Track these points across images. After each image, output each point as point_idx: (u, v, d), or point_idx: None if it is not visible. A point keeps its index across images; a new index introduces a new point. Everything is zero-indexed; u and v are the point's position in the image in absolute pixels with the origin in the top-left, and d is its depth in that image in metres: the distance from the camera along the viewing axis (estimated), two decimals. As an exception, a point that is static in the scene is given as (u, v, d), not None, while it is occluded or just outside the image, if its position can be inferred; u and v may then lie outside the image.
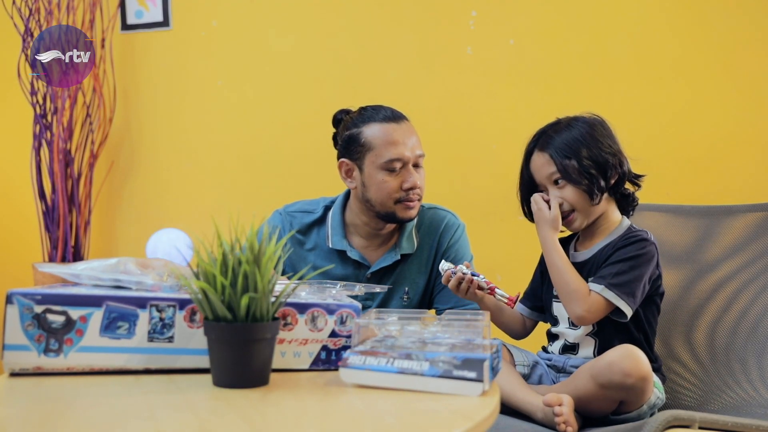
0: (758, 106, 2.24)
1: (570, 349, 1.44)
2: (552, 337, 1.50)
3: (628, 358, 1.23)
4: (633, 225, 1.46)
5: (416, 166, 1.60)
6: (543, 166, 1.43)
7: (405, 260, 1.66)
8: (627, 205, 1.47)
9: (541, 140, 1.44)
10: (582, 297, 1.35)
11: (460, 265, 1.41)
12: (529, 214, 1.51)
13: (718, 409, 1.44)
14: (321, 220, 1.69)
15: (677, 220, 1.66)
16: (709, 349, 1.53)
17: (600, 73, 2.36)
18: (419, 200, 1.61)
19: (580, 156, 1.38)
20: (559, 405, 1.24)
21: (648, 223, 1.66)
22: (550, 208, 1.41)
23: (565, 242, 1.53)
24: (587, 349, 1.42)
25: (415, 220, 1.68)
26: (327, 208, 1.70)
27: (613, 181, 1.41)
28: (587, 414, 1.31)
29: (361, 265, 1.65)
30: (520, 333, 1.55)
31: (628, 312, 1.35)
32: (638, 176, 1.46)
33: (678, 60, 2.30)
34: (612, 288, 1.34)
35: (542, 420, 1.29)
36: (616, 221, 1.45)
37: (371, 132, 1.58)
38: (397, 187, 1.56)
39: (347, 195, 1.69)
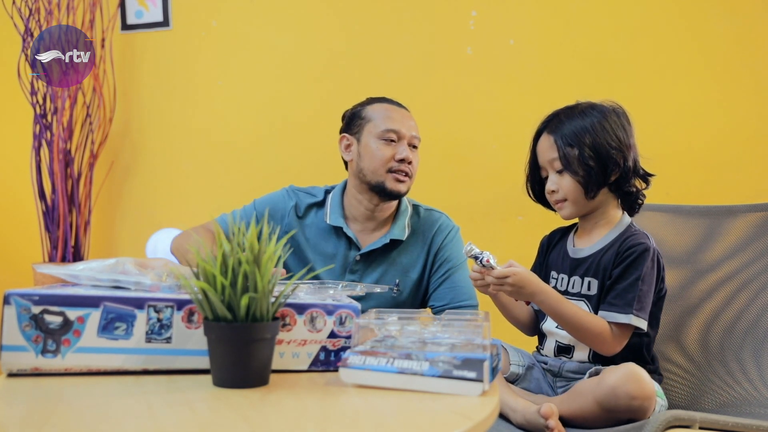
0: (759, 106, 2.24)
1: (565, 351, 1.43)
2: (542, 336, 1.49)
3: (631, 381, 1.20)
4: (633, 223, 1.44)
5: (411, 147, 1.67)
6: (547, 150, 1.42)
7: (396, 247, 1.70)
8: (631, 202, 1.43)
9: (552, 123, 1.42)
10: (608, 336, 1.32)
11: (486, 253, 1.33)
12: (533, 195, 1.51)
13: (716, 407, 1.44)
14: (321, 204, 1.76)
15: (677, 220, 1.65)
16: (709, 347, 1.53)
17: (600, 73, 2.36)
18: (410, 178, 1.67)
19: (583, 146, 1.36)
20: (553, 418, 1.23)
21: (648, 223, 1.66)
22: (498, 281, 1.32)
23: (564, 233, 1.52)
24: (582, 352, 1.40)
25: (410, 211, 1.73)
26: (327, 192, 1.78)
27: (613, 178, 1.39)
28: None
29: (353, 244, 1.70)
30: (532, 327, 1.53)
31: (645, 327, 1.34)
32: (648, 174, 1.42)
33: (678, 60, 2.30)
34: (638, 314, 1.32)
35: (522, 424, 1.29)
36: (616, 217, 1.43)
37: (372, 108, 1.70)
38: (390, 156, 1.64)
39: (346, 182, 1.76)
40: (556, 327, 1.42)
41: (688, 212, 1.65)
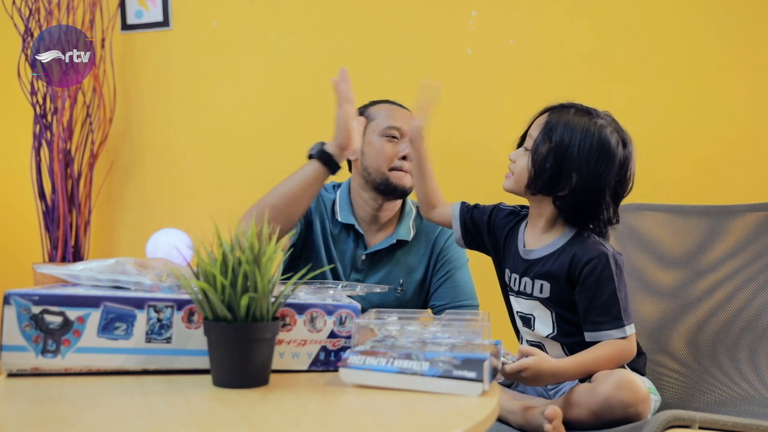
0: (758, 106, 2.24)
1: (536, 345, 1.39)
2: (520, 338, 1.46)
3: (624, 389, 1.18)
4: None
5: None
6: (535, 127, 1.38)
7: (401, 247, 1.71)
8: (591, 227, 1.36)
9: (562, 110, 1.37)
10: (624, 347, 1.28)
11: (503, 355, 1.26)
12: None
13: (713, 407, 1.44)
14: (332, 200, 1.77)
15: (677, 220, 1.65)
16: (708, 347, 1.53)
17: (600, 73, 2.36)
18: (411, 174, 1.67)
19: (553, 146, 1.32)
20: (557, 420, 1.22)
21: (648, 223, 1.66)
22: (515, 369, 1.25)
23: (516, 223, 1.46)
24: (554, 350, 1.36)
25: (414, 212, 1.75)
26: (335, 188, 1.80)
27: (560, 194, 1.33)
28: None
29: (361, 243, 1.72)
30: (428, 209, 1.55)
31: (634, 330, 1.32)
32: (608, 219, 1.33)
33: (678, 60, 2.30)
34: (628, 322, 1.29)
35: (522, 425, 1.28)
36: (561, 226, 1.38)
37: (375, 108, 1.75)
38: (393, 154, 1.68)
39: (350, 180, 1.78)
40: (522, 326, 1.41)
41: (688, 212, 1.65)
